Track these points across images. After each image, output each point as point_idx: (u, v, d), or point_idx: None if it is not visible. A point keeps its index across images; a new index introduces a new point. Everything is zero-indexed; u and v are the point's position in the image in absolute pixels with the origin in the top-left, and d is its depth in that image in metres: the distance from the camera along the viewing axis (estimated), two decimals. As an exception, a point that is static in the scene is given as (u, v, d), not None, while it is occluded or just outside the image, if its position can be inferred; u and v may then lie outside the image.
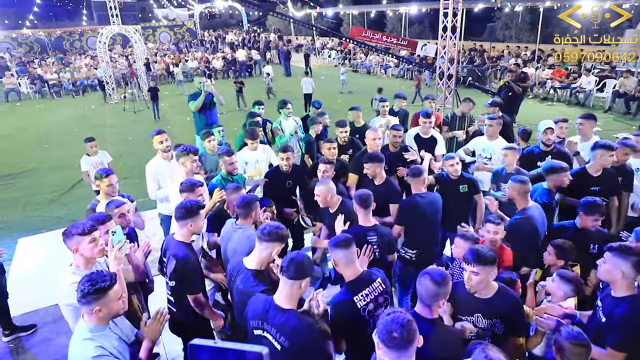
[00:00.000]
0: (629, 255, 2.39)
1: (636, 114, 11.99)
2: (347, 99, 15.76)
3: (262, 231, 2.64)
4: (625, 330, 2.40)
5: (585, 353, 2.20)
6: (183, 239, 2.99)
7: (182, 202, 3.07)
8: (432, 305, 2.25)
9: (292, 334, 2.15)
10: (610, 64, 17.16)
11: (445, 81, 9.57)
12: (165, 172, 4.67)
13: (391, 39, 12.38)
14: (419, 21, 31.64)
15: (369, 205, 3.31)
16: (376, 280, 2.60)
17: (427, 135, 5.37)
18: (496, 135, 5.18)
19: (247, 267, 2.68)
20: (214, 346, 1.10)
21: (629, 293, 2.45)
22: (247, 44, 30.82)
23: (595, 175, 4.06)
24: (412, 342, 1.82)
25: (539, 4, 18.98)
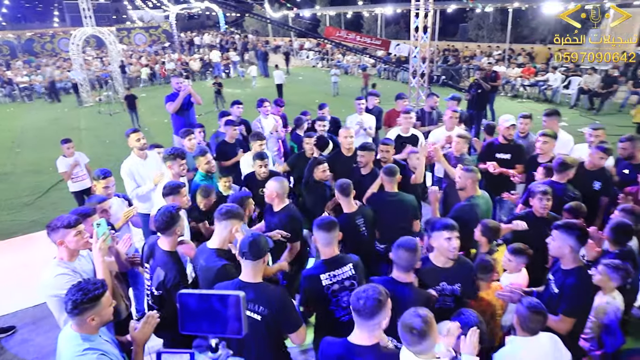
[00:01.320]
0: (573, 231, 2.65)
1: (599, 110, 12.57)
2: (328, 98, 15.95)
3: (220, 211, 2.81)
4: (575, 298, 2.66)
5: (542, 320, 2.44)
6: (169, 248, 2.92)
7: (161, 210, 2.92)
8: (408, 270, 2.57)
9: (269, 300, 2.38)
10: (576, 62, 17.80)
11: (418, 80, 9.86)
12: (140, 171, 4.73)
13: (364, 38, 12.63)
14: (394, 22, 32.13)
15: (350, 193, 3.61)
16: (347, 264, 2.80)
17: (407, 134, 5.58)
18: (454, 126, 5.47)
19: (209, 247, 2.87)
20: (200, 293, 1.27)
21: (576, 265, 2.72)
22: (224, 45, 30.71)
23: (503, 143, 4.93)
24: (378, 313, 2.01)
25: (507, 5, 19.58)
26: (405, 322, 1.98)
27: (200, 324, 1.26)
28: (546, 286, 2.96)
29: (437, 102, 6.83)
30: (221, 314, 1.24)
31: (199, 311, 1.24)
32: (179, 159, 4.21)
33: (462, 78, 17.83)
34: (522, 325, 2.46)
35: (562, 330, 2.67)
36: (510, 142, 5.04)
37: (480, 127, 9.01)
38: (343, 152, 4.98)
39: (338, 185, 3.63)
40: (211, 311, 1.24)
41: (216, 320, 1.25)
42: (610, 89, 12.60)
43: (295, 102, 14.19)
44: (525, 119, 5.43)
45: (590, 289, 2.78)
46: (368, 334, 2.06)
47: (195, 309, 1.24)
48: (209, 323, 1.24)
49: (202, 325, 1.26)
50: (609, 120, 11.37)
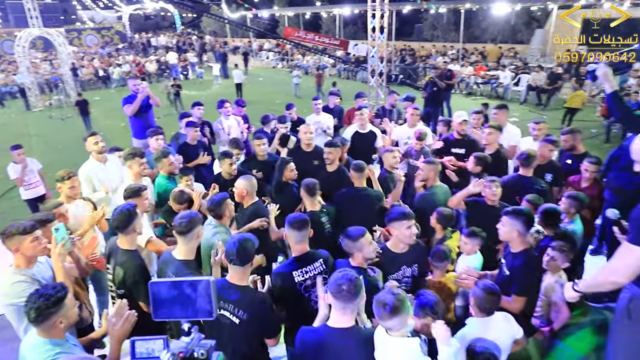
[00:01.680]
0: (520, 216, 2.86)
1: (547, 105, 13.33)
2: (290, 99, 15.99)
3: (179, 224, 2.74)
4: (524, 278, 2.87)
5: (496, 300, 2.62)
6: (128, 246, 2.91)
7: (118, 209, 2.91)
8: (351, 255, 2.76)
9: (250, 306, 2.41)
10: (523, 60, 18.75)
11: (377, 79, 10.09)
12: (100, 175, 4.59)
13: (323, 38, 12.77)
14: (352, 22, 32.58)
15: (315, 192, 3.69)
16: (318, 260, 2.88)
17: (365, 130, 5.73)
18: (416, 123, 5.71)
19: (176, 258, 2.82)
20: (170, 280, 1.31)
21: (524, 247, 2.93)
22: (181, 46, 30.07)
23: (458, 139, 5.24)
24: (356, 294, 2.13)
25: (459, 6, 20.34)
26: (380, 299, 2.11)
27: (172, 310, 1.30)
28: (499, 270, 3.17)
29: (397, 100, 7.12)
30: (192, 298, 1.29)
31: (170, 298, 1.28)
32: (139, 158, 4.15)
33: (419, 77, 18.37)
34: (479, 306, 2.63)
35: (515, 310, 2.87)
36: (464, 137, 5.31)
37: (437, 123, 9.37)
38: (302, 148, 5.07)
39: (304, 184, 3.71)
40: (182, 297, 1.28)
41: (188, 305, 1.29)
42: (556, 86, 13.40)
43: (257, 103, 14.18)
44: (478, 115, 5.74)
45: (536, 269, 3.01)
46: (346, 317, 2.17)
47: (166, 297, 1.28)
48: (181, 308, 1.29)
49: (174, 311, 1.30)
50: (555, 114, 12.10)
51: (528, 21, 24.97)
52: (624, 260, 2.11)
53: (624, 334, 2.38)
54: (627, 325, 2.32)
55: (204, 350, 1.23)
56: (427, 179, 4.18)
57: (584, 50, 18.36)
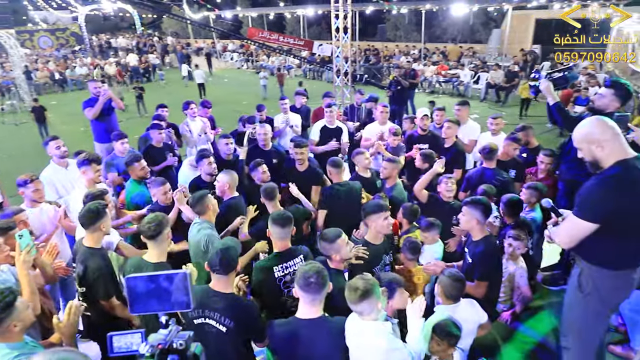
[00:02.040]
0: (478, 205, 3.03)
1: (505, 102, 13.89)
2: (257, 100, 15.91)
3: (147, 229, 2.76)
4: (485, 264, 3.03)
5: (461, 287, 2.75)
6: (93, 244, 2.93)
7: (87, 206, 2.95)
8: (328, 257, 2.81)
9: (237, 313, 2.39)
10: (482, 59, 19.41)
11: (342, 78, 10.23)
12: (62, 180, 4.49)
13: (288, 39, 12.82)
14: (317, 23, 32.75)
15: (274, 197, 3.70)
16: (299, 256, 2.95)
17: (333, 126, 5.89)
18: (386, 121, 5.88)
19: (149, 261, 2.83)
20: (147, 275, 1.32)
21: (484, 235, 3.09)
22: (142, 48, 29.28)
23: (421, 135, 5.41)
24: (324, 285, 2.20)
25: (420, 6, 20.84)
26: (351, 284, 2.22)
27: (149, 304, 1.31)
28: (463, 259, 3.33)
29: (362, 99, 7.29)
30: (169, 291, 1.30)
31: (147, 292, 1.29)
32: (94, 164, 4.03)
33: (384, 76, 18.69)
34: (446, 293, 2.76)
35: (478, 295, 3.03)
36: (427, 133, 5.49)
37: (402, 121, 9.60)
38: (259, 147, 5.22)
39: (263, 190, 3.72)
40: (159, 290, 1.30)
41: (165, 298, 1.31)
42: (513, 83, 13.97)
43: (222, 104, 14.03)
44: (440, 111, 5.95)
45: (496, 254, 3.18)
46: (314, 308, 2.24)
47: (143, 291, 1.29)
48: (158, 302, 1.30)
49: (151, 305, 1.31)
50: (513, 111, 12.64)
51: (485, 21, 25.91)
52: (567, 228, 2.38)
53: (576, 306, 2.58)
54: (579, 297, 2.52)
55: (182, 340, 1.25)
56: (390, 177, 4.35)
57: (537, 49, 19.31)
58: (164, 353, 1.22)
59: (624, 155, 2.26)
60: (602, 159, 2.29)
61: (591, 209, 2.24)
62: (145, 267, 2.80)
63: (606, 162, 2.28)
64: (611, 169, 2.25)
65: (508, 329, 3.74)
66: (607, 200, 2.20)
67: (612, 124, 2.30)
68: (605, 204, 2.21)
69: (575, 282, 2.53)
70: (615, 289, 2.44)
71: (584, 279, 2.46)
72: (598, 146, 2.28)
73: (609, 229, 2.26)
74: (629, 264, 2.39)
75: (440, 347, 2.42)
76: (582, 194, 2.31)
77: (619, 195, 2.19)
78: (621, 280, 2.41)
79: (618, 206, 2.19)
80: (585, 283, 2.45)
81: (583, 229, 2.27)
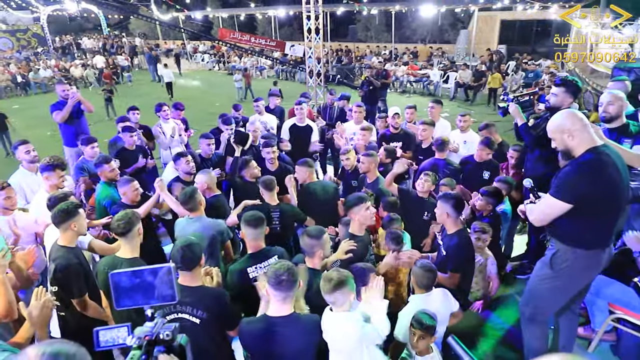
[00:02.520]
0: (449, 199, 3.16)
1: (473, 101, 14.32)
2: (231, 101, 15.80)
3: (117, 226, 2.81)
4: (458, 256, 3.17)
5: (432, 277, 2.88)
6: (65, 243, 2.90)
7: (58, 206, 2.93)
8: (310, 255, 2.82)
9: (208, 304, 2.43)
10: (451, 59, 19.90)
11: (315, 79, 10.31)
12: (32, 185, 4.37)
13: (260, 40, 12.82)
14: (288, 23, 32.74)
15: (272, 188, 3.88)
16: (273, 256, 2.97)
17: (302, 124, 5.97)
18: (362, 120, 6.02)
19: (123, 257, 2.85)
20: (132, 270, 1.35)
21: (457, 228, 3.22)
22: (109, 49, 28.53)
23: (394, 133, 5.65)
24: (295, 283, 2.25)
25: (390, 7, 21.19)
26: (326, 275, 2.29)
27: (134, 298, 1.34)
28: (438, 251, 3.47)
29: (335, 98, 7.41)
30: (154, 285, 1.34)
31: (132, 286, 1.32)
32: (59, 170, 3.94)
33: (356, 76, 18.92)
34: (418, 283, 2.88)
35: (451, 285, 3.16)
36: (399, 131, 5.64)
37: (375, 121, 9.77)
38: None
39: (262, 181, 3.94)
40: (144, 284, 1.33)
41: (150, 292, 1.34)
42: (480, 82, 14.42)
43: (195, 106, 13.86)
44: (411, 109, 6.11)
45: (469, 247, 3.31)
46: (285, 306, 2.28)
47: (128, 285, 1.32)
48: (143, 295, 1.33)
49: (136, 299, 1.35)
50: (481, 109, 13.06)
51: (453, 22, 26.57)
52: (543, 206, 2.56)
53: (543, 280, 2.77)
54: (548, 273, 2.72)
55: (168, 331, 1.29)
56: (368, 170, 4.46)
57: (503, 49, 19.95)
58: (151, 344, 1.26)
59: (594, 144, 2.48)
60: (573, 148, 2.51)
61: (566, 190, 2.45)
62: (119, 263, 2.83)
63: (577, 151, 2.50)
64: (584, 156, 2.47)
65: (479, 317, 3.90)
66: (581, 183, 2.42)
67: (581, 116, 2.52)
68: (579, 187, 2.43)
69: (547, 260, 2.73)
70: (587, 268, 2.65)
71: (559, 258, 2.65)
72: (569, 135, 2.49)
73: (582, 210, 2.47)
74: (600, 243, 2.60)
75: (423, 340, 2.53)
76: (559, 177, 2.52)
77: (592, 179, 2.41)
78: (593, 260, 2.62)
79: (590, 189, 2.41)
80: (559, 262, 2.65)
81: (557, 208, 2.48)
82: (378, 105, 11.31)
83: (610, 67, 11.78)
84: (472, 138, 5.45)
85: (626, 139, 3.46)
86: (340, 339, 2.26)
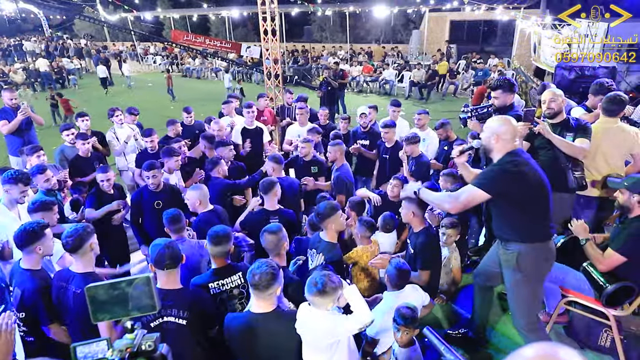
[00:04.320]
0: (413, 198, 3.26)
1: (427, 99, 14.79)
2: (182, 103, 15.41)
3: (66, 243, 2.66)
4: (425, 253, 3.28)
5: (406, 276, 2.97)
6: (30, 265, 2.75)
7: (22, 226, 2.76)
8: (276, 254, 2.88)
9: (192, 304, 2.46)
10: (405, 58, 20.42)
11: (273, 80, 10.26)
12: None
13: (215, 41, 12.61)
14: (242, 24, 32.35)
15: (269, 191, 3.82)
16: (237, 273, 2.90)
17: (252, 127, 5.97)
18: (306, 122, 6.17)
19: (76, 272, 2.71)
20: (108, 282, 1.30)
21: (423, 227, 3.34)
22: (53, 52, 27.01)
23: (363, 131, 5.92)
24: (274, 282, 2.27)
25: (344, 8, 21.45)
26: (312, 278, 2.29)
27: (112, 310, 1.29)
28: (407, 250, 3.58)
29: (292, 99, 7.53)
30: (133, 296, 1.30)
31: (109, 299, 1.27)
32: (22, 184, 3.61)
33: (313, 77, 19.01)
34: (392, 282, 2.97)
35: (422, 283, 3.28)
36: (368, 130, 5.84)
37: (334, 121, 9.99)
38: None
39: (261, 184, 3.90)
40: (122, 296, 1.29)
41: (128, 303, 1.30)
42: (433, 81, 14.91)
43: (148, 109, 13.40)
44: (371, 109, 6.26)
45: (435, 243, 3.44)
46: (266, 303, 2.31)
47: (105, 299, 1.27)
48: (122, 307, 1.29)
49: (115, 311, 1.30)
50: (435, 107, 13.49)
51: (405, 23, 27.27)
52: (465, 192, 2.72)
53: (520, 286, 2.87)
54: (520, 277, 2.82)
55: (150, 342, 1.26)
56: (335, 159, 4.63)
57: (453, 48, 20.72)
58: (133, 356, 1.23)
59: (513, 148, 2.73)
60: (494, 149, 2.76)
61: (487, 182, 2.66)
62: (71, 277, 2.70)
63: (496, 153, 2.74)
64: (506, 156, 2.70)
65: (445, 307, 4.06)
66: (500, 178, 2.66)
67: (514, 128, 2.75)
68: (498, 181, 2.66)
69: (512, 266, 2.81)
70: (547, 259, 2.82)
71: (524, 259, 2.77)
72: (496, 139, 2.72)
73: (521, 206, 2.69)
74: (548, 233, 2.80)
75: (408, 334, 2.58)
76: (483, 171, 2.78)
77: (511, 175, 2.64)
78: (549, 250, 2.81)
79: (511, 184, 2.64)
80: (525, 263, 2.77)
81: (478, 196, 2.67)
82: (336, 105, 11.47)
83: (552, 65, 12.59)
84: (431, 136, 5.65)
85: (568, 132, 3.70)
86: (313, 331, 2.27)
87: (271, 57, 10.11)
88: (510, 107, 4.16)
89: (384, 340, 2.88)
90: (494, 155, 2.77)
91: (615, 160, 3.90)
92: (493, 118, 2.89)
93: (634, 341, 3.20)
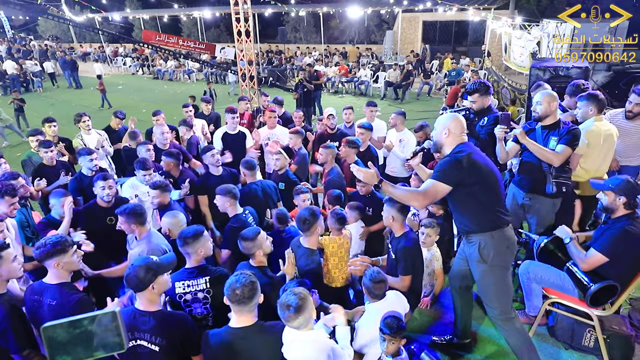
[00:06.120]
0: (395, 203, 3.21)
1: (403, 99, 14.87)
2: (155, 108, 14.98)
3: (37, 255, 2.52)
4: (407, 258, 3.21)
5: (383, 286, 2.88)
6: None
7: None
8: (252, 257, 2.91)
9: (169, 330, 2.28)
10: (379, 58, 20.50)
11: (248, 82, 10.09)
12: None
13: (188, 42, 12.32)
14: (215, 25, 31.88)
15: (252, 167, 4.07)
16: (204, 277, 2.80)
17: (235, 131, 5.76)
18: (275, 125, 6.05)
19: (50, 283, 2.55)
20: (68, 320, 1.15)
21: (403, 231, 3.27)
22: (15, 53, 25.88)
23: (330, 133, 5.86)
24: (253, 295, 2.18)
25: (318, 9, 21.38)
26: (282, 302, 2.20)
27: (74, 351, 1.14)
28: (388, 254, 3.51)
29: (267, 101, 7.34)
30: (97, 334, 1.15)
31: (71, 339, 1.12)
32: (9, 197, 3.35)
33: (288, 78, 18.85)
34: (370, 294, 2.88)
35: (403, 288, 3.21)
36: (336, 132, 5.71)
37: (310, 122, 9.90)
38: None
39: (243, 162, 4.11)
40: (85, 335, 1.14)
41: (92, 342, 1.15)
42: (408, 81, 15.00)
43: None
44: (348, 110, 6.18)
45: (416, 248, 3.37)
46: (247, 316, 2.22)
47: (65, 339, 1.12)
48: (86, 347, 1.14)
49: (77, 352, 1.14)
50: (410, 107, 13.56)
51: (379, 23, 27.47)
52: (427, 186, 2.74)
53: (487, 276, 2.89)
54: (486, 268, 2.86)
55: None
56: (326, 162, 4.59)
57: (426, 49, 20.94)
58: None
59: (461, 141, 2.86)
60: (444, 144, 2.90)
61: (444, 173, 2.72)
62: (45, 289, 2.53)
63: (445, 147, 2.89)
64: (456, 148, 2.82)
65: (428, 311, 4.02)
66: (454, 166, 2.72)
67: (463, 124, 2.89)
68: (453, 169, 2.71)
69: (476, 258, 2.86)
70: (507, 247, 2.84)
71: (485, 249, 2.82)
72: (447, 134, 2.86)
73: (475, 195, 2.76)
74: (504, 220, 2.84)
75: (394, 344, 2.53)
76: (439, 164, 2.82)
77: (462, 163, 2.70)
78: (507, 239, 2.84)
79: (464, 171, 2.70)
80: (486, 253, 2.82)
81: (440, 189, 2.71)
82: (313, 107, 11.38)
83: (520, 65, 12.86)
84: (408, 137, 5.60)
85: (553, 135, 3.64)
86: (301, 357, 2.18)
87: (245, 58, 9.94)
88: (488, 109, 4.15)
89: (373, 351, 2.80)
90: (444, 149, 2.90)
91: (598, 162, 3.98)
92: (443, 115, 3.02)
93: (617, 341, 3.22)
